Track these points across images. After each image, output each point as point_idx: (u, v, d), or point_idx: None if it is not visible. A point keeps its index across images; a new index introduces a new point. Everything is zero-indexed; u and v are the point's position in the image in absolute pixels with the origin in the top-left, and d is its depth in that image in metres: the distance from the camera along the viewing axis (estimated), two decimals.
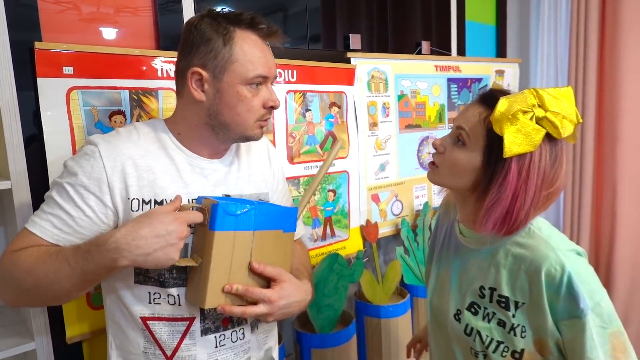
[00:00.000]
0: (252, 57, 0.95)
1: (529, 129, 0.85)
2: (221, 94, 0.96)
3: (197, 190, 1.00)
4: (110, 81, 1.34)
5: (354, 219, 2.00)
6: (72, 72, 1.28)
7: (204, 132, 1.01)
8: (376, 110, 2.05)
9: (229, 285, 0.93)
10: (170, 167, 0.99)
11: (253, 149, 1.15)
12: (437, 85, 2.26)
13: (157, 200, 0.96)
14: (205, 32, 0.95)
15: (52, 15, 1.32)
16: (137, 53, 1.38)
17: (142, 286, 0.97)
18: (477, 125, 0.92)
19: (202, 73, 0.95)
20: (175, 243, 0.85)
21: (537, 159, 0.87)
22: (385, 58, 2.07)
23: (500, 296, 0.94)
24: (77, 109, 1.29)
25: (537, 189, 0.88)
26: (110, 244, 0.83)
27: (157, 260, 0.85)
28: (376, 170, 2.08)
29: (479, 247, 1.00)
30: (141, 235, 0.83)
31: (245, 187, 1.08)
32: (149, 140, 1.00)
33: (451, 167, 0.96)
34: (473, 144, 0.92)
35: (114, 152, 0.95)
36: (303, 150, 1.81)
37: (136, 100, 1.39)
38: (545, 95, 0.87)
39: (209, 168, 1.03)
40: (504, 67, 2.51)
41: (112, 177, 0.93)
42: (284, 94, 1.74)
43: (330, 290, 1.84)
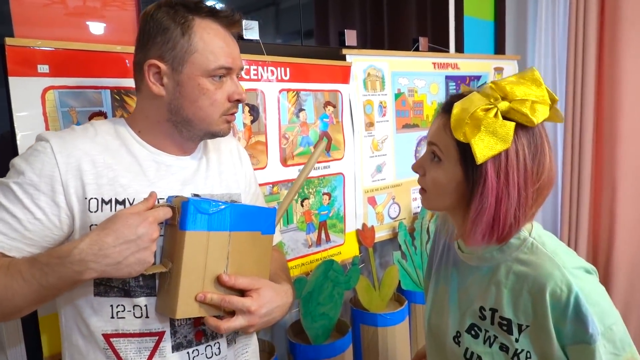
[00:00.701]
0: (214, 47, 0.90)
1: (495, 127, 0.79)
2: (181, 87, 0.91)
3: (163, 189, 0.93)
4: (90, 80, 1.25)
5: (349, 223, 1.93)
6: (47, 71, 1.18)
7: (166, 129, 0.95)
8: (372, 109, 1.98)
9: (202, 294, 0.86)
10: (132, 164, 0.92)
11: (222, 148, 1.09)
12: (435, 83, 2.20)
13: (119, 199, 0.88)
14: (162, 21, 0.89)
15: (25, 9, 1.22)
16: (119, 50, 1.28)
17: (103, 298, 0.88)
18: (444, 136, 0.86)
19: (159, 65, 0.90)
20: (148, 246, 0.80)
21: (513, 155, 0.80)
22: (382, 55, 2.00)
23: (502, 318, 0.87)
24: (53, 110, 1.20)
25: (522, 187, 0.81)
26: (74, 255, 0.76)
27: (130, 267, 0.79)
28: (373, 172, 2.01)
29: (479, 263, 0.93)
30: (108, 244, 0.77)
31: (216, 187, 1.02)
32: (108, 136, 0.93)
33: (435, 188, 0.89)
34: (447, 158, 0.86)
35: (68, 147, 0.87)
36: (297, 152, 1.73)
37: (118, 100, 1.29)
38: (506, 85, 0.81)
39: (175, 165, 0.97)
40: (502, 64, 2.46)
41: (66, 174, 0.85)
42: (277, 93, 1.65)
43: (325, 298, 1.76)
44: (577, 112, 2.55)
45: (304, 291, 1.71)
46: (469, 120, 0.80)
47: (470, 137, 0.80)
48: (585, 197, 2.59)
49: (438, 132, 0.88)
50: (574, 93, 2.55)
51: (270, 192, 1.65)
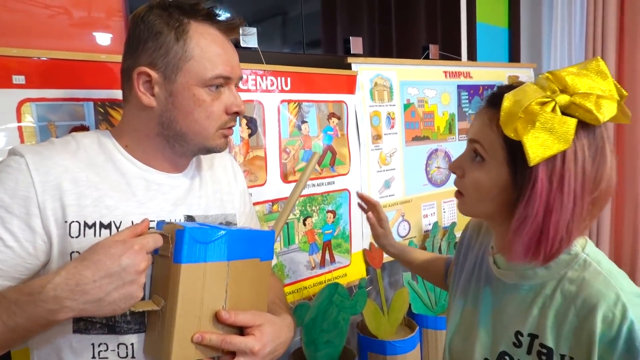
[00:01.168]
0: (211, 55, 0.82)
1: (553, 123, 0.68)
2: (175, 97, 0.82)
3: (154, 210, 0.84)
4: (71, 92, 1.15)
5: (356, 243, 1.82)
6: (23, 82, 1.09)
7: (156, 144, 0.86)
8: (380, 121, 1.87)
9: (199, 335, 0.76)
10: (119, 182, 0.83)
11: (216, 164, 1.01)
12: (446, 93, 2.09)
13: (104, 222, 0.79)
14: (154, 24, 0.81)
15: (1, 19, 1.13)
16: (103, 59, 1.18)
17: (84, 336, 0.78)
18: (490, 133, 0.76)
19: (150, 73, 0.81)
20: (135, 279, 0.70)
21: (571, 157, 0.70)
22: (390, 63, 1.89)
23: (543, 346, 0.76)
24: (30, 124, 1.10)
25: (578, 195, 0.71)
26: (47, 291, 0.66)
27: (115, 304, 0.70)
28: (380, 188, 1.89)
29: (518, 281, 0.81)
30: (87, 278, 0.67)
31: (210, 207, 0.93)
32: (92, 151, 0.83)
33: (475, 191, 0.80)
34: (492, 158, 0.76)
35: (47, 163, 0.77)
36: (298, 167, 1.62)
37: (102, 113, 1.19)
38: (566, 76, 0.70)
39: (167, 183, 0.88)
40: (518, 73, 2.34)
41: (43, 194, 0.75)
42: (277, 104, 1.55)
43: (330, 324, 1.64)
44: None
45: (307, 317, 1.59)
46: (522, 114, 0.69)
47: (522, 134, 0.69)
48: (606, 212, 2.47)
49: (482, 128, 0.78)
50: None
51: (270, 210, 1.54)
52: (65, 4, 1.23)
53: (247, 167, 1.47)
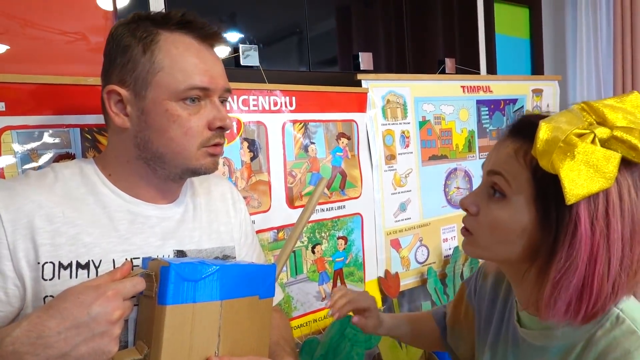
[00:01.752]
0: (184, 65, 0.76)
1: (596, 157, 0.60)
2: (147, 115, 0.77)
3: (139, 246, 0.78)
4: (55, 118, 1.09)
5: (370, 271, 1.71)
6: (3, 109, 1.03)
7: (137, 170, 0.81)
8: (393, 140, 1.77)
9: None
10: (100, 217, 0.77)
11: (213, 192, 0.94)
12: (464, 109, 1.99)
13: (81, 262, 0.73)
14: (122, 39, 0.77)
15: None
16: (90, 82, 1.12)
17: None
18: (515, 165, 0.68)
19: (120, 92, 0.77)
20: (106, 330, 0.62)
21: (616, 198, 0.62)
22: (403, 79, 1.81)
23: None
24: (10, 153, 1.04)
25: (626, 242, 0.62)
26: (5, 345, 0.60)
27: (83, 359, 0.62)
28: (395, 211, 1.79)
29: (545, 342, 0.71)
30: (50, 329, 0.60)
31: (204, 240, 0.86)
32: (72, 183, 0.78)
33: (492, 231, 0.70)
34: (516, 194, 0.68)
35: (17, 199, 0.73)
36: (306, 191, 1.52)
37: (90, 140, 1.13)
38: (604, 108, 0.62)
39: (155, 216, 0.82)
40: (541, 86, 2.23)
41: (13, 235, 0.71)
42: (281, 125, 1.46)
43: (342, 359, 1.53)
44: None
45: (317, 354, 1.48)
46: (562, 144, 0.61)
47: (559, 167, 0.61)
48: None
49: (506, 159, 0.69)
50: None
51: (275, 238, 1.44)
52: (51, 27, 1.18)
53: (249, 192, 1.38)
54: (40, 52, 1.15)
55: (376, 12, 1.83)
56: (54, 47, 1.17)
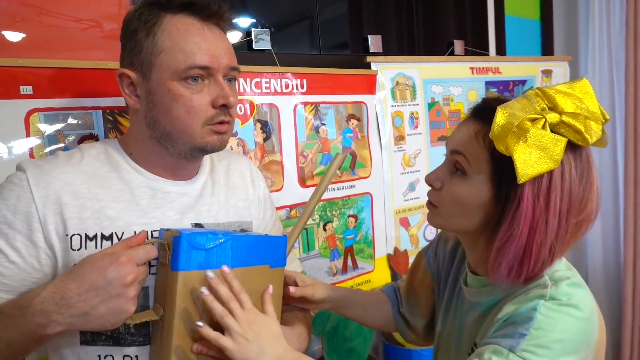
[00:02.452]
0: (185, 45, 0.78)
1: (545, 141, 0.68)
2: (152, 95, 0.80)
3: (158, 220, 0.82)
4: (79, 100, 1.15)
5: (379, 248, 1.77)
6: (31, 92, 1.09)
7: (152, 148, 0.85)
8: (402, 121, 1.82)
9: (198, 346, 0.75)
10: (123, 192, 0.82)
11: (232, 171, 0.98)
12: (473, 90, 2.02)
13: (105, 234, 0.79)
14: (130, 24, 0.81)
15: (7, 26, 1.14)
16: (111, 66, 1.17)
17: (90, 347, 0.79)
18: (475, 146, 0.75)
19: (129, 74, 0.81)
20: (122, 292, 0.69)
21: (558, 177, 0.70)
22: (412, 61, 1.85)
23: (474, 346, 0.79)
24: (39, 134, 1.10)
25: (563, 216, 0.70)
26: (35, 305, 0.68)
27: (103, 318, 0.69)
28: (404, 191, 1.84)
29: (480, 299, 0.81)
30: (71, 291, 0.68)
31: (222, 215, 0.90)
32: (97, 162, 0.84)
33: (453, 205, 0.78)
34: (475, 172, 0.75)
35: (46, 178, 0.78)
36: (317, 171, 1.58)
37: (112, 121, 1.18)
38: (555, 95, 0.70)
39: (174, 191, 0.86)
40: (551, 67, 2.24)
41: (44, 209, 0.76)
42: (293, 107, 1.51)
43: (353, 332, 1.60)
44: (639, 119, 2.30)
45: (328, 325, 1.55)
46: (515, 129, 0.68)
47: (513, 149, 0.68)
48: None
49: (467, 140, 0.76)
50: (635, 97, 2.30)
51: (288, 216, 1.50)
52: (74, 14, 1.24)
53: (263, 172, 1.44)
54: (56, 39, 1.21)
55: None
56: (67, 34, 1.22)
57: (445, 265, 0.97)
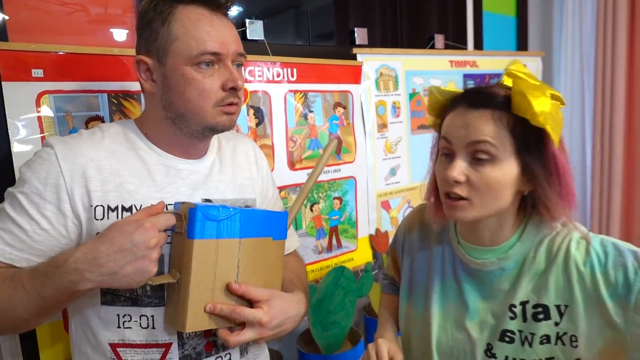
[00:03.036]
0: (197, 33, 0.84)
1: (554, 109, 0.76)
2: (168, 79, 0.86)
3: (172, 194, 0.89)
4: (86, 84, 1.22)
5: (362, 229, 1.87)
6: (42, 75, 1.16)
7: (167, 128, 0.91)
8: (385, 110, 1.91)
9: (211, 305, 0.82)
10: (140, 169, 0.89)
11: (238, 151, 1.04)
12: (452, 82, 2.12)
13: (125, 206, 0.85)
14: (146, 14, 0.87)
15: (19, 12, 1.21)
16: (116, 53, 1.25)
17: (110, 307, 0.86)
18: (497, 130, 0.78)
19: (146, 61, 0.87)
20: (146, 254, 0.75)
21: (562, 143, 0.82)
22: (395, 54, 1.93)
23: (536, 306, 0.81)
24: (49, 115, 1.17)
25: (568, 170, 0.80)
26: (69, 264, 0.74)
27: (129, 277, 0.75)
28: (386, 175, 1.94)
29: (501, 264, 0.84)
30: (101, 252, 0.74)
31: (229, 192, 0.97)
32: (116, 140, 0.90)
33: (488, 191, 0.79)
34: (503, 152, 0.78)
35: (73, 153, 0.84)
36: (305, 155, 1.67)
37: (116, 104, 1.26)
38: None
39: (185, 169, 0.93)
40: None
41: (71, 182, 0.83)
42: (284, 94, 1.60)
43: (337, 306, 1.70)
44: (607, 112, 2.44)
45: (313, 298, 1.64)
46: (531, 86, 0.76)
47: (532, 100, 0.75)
48: (616, 202, 2.47)
49: (486, 127, 0.78)
50: (603, 92, 2.44)
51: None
52: (83, 2, 1.30)
53: None
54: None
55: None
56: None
57: (419, 255, 0.99)
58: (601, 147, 2.48)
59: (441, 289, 0.95)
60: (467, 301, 0.90)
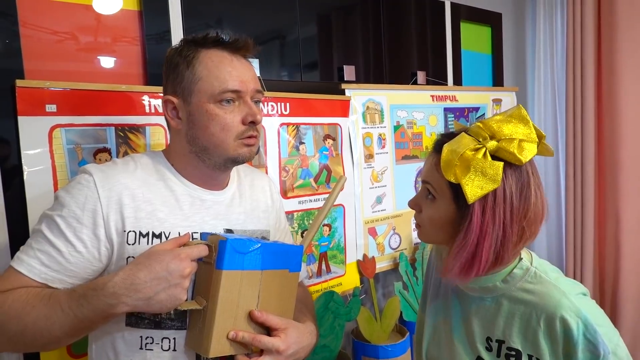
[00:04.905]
0: (219, 73, 0.92)
1: (484, 167, 0.80)
2: (193, 116, 0.94)
3: (198, 223, 0.96)
4: (95, 118, 1.30)
5: (350, 254, 1.94)
6: (55, 110, 1.24)
7: (191, 161, 0.97)
8: (372, 141, 2.01)
9: (234, 332, 0.86)
10: (169, 198, 0.95)
11: (256, 185, 1.12)
12: (433, 115, 2.23)
13: (155, 232, 0.91)
14: (172, 59, 0.95)
15: (35, 49, 1.29)
16: (123, 89, 1.34)
17: (134, 329, 0.90)
18: (437, 176, 0.87)
19: (173, 100, 0.94)
20: (179, 282, 0.81)
21: (500, 194, 0.81)
22: (381, 89, 2.04)
23: (510, 349, 0.88)
24: (59, 147, 1.25)
25: (507, 224, 0.82)
26: (108, 288, 0.78)
27: (162, 303, 0.80)
28: (373, 203, 2.03)
29: (481, 294, 0.93)
30: (139, 279, 0.78)
31: (248, 223, 1.04)
32: (147, 170, 0.96)
33: (430, 224, 0.91)
34: (441, 196, 0.88)
35: (110, 181, 0.90)
36: (297, 184, 1.76)
37: (122, 137, 1.34)
38: (493, 124, 0.83)
39: (209, 200, 0.99)
40: (501, 96, 2.49)
41: (107, 208, 0.88)
42: (277, 127, 1.70)
43: (326, 330, 1.76)
44: (578, 143, 2.56)
45: None
46: (458, 161, 0.81)
47: (460, 177, 0.81)
48: (589, 231, 2.57)
49: (431, 171, 0.89)
50: (574, 124, 2.57)
51: None
52: (92, 37, 1.39)
53: None
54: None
55: (358, 32, 2.05)
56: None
57: (431, 272, 1.10)
58: (574, 175, 2.60)
59: (435, 305, 1.04)
60: (453, 321, 0.98)
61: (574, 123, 2.57)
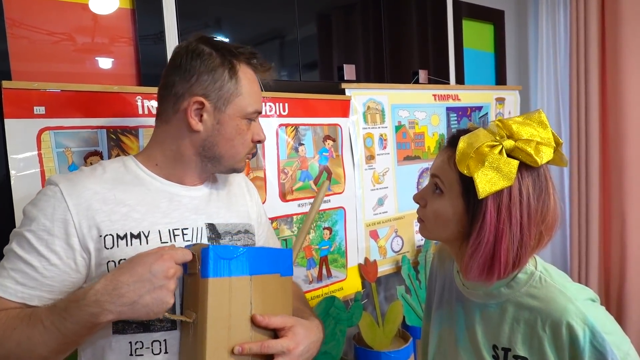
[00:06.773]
0: (252, 92, 0.96)
1: (499, 163, 0.80)
2: (221, 125, 0.95)
3: (178, 219, 0.94)
4: (86, 120, 1.25)
5: (351, 258, 1.90)
6: (43, 112, 1.19)
7: (189, 162, 0.98)
8: (373, 142, 1.97)
9: (240, 347, 0.84)
10: (145, 197, 0.93)
11: (230, 182, 1.11)
12: (435, 115, 2.19)
13: (134, 233, 0.89)
14: (210, 61, 0.93)
15: (23, 49, 1.25)
16: (115, 90, 1.29)
17: (122, 336, 0.87)
18: (448, 170, 0.87)
19: (204, 103, 0.93)
20: (164, 284, 0.78)
21: (516, 193, 0.81)
22: (382, 88, 2.00)
23: (517, 357, 0.85)
24: (49, 151, 1.20)
25: (525, 226, 0.81)
26: (90, 296, 0.75)
27: (148, 307, 0.77)
28: (374, 205, 1.99)
29: (486, 300, 0.91)
30: (122, 282, 0.76)
31: (229, 216, 1.03)
32: (118, 173, 0.94)
33: (435, 219, 0.90)
34: (450, 191, 0.87)
35: (77, 188, 0.88)
36: (296, 186, 1.72)
37: (114, 139, 1.29)
38: (513, 124, 0.83)
39: (187, 195, 0.99)
40: (504, 95, 2.45)
41: (78, 216, 0.86)
42: (275, 128, 1.65)
43: (328, 336, 1.72)
44: (582, 143, 2.53)
45: None
46: (473, 154, 0.81)
47: (473, 171, 0.81)
48: (594, 231, 2.55)
49: (442, 165, 0.89)
50: (577, 123, 2.54)
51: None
52: (85, 36, 1.34)
53: None
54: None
55: (358, 30, 2.02)
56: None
57: (435, 279, 1.09)
58: (578, 174, 2.57)
59: (439, 314, 1.03)
60: (457, 329, 0.97)
61: (577, 122, 2.54)
